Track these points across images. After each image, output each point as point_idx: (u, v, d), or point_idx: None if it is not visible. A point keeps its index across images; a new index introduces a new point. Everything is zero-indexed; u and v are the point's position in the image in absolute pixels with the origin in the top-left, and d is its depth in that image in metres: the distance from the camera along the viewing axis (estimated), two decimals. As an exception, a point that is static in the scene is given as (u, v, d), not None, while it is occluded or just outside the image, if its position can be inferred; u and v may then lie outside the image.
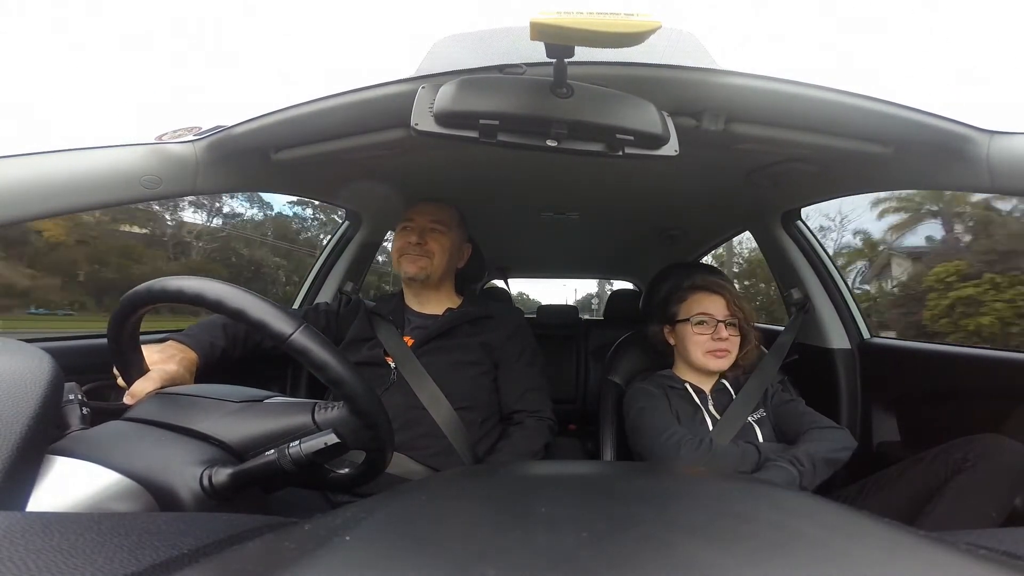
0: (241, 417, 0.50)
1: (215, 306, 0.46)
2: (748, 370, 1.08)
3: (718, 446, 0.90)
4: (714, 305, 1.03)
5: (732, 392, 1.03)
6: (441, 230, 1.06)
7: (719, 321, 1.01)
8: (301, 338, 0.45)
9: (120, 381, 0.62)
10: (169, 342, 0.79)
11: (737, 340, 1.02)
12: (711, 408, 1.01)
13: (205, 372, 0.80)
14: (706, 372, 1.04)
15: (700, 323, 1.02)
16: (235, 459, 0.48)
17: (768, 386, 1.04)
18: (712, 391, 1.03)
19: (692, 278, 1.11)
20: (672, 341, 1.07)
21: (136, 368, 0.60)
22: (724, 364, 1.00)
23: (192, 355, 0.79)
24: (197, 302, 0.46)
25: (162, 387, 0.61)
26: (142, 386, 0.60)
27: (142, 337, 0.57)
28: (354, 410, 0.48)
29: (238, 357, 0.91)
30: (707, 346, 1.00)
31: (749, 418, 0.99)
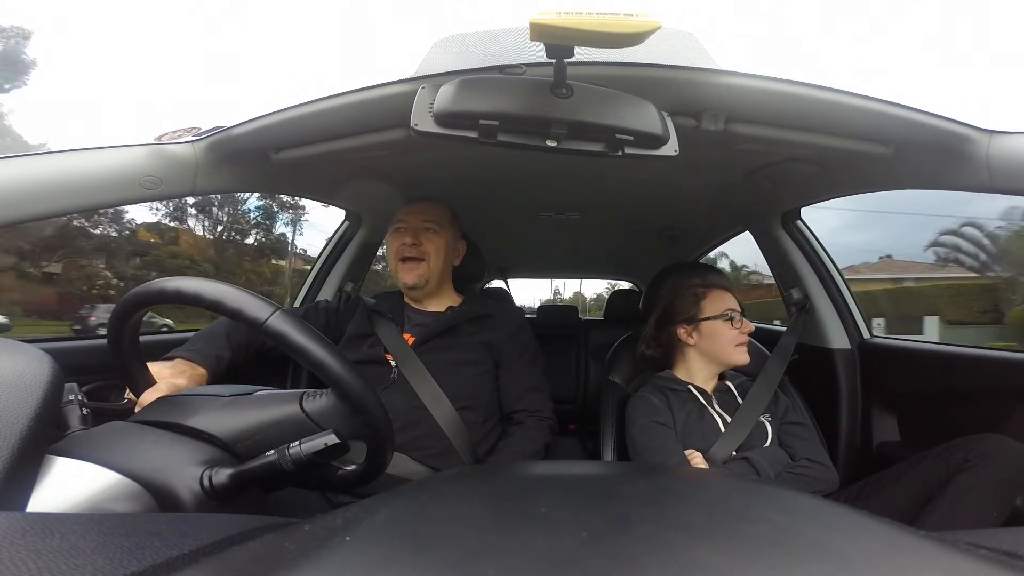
0: (231, 410, 0.50)
1: (194, 300, 0.47)
2: (751, 372, 1.09)
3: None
4: (731, 300, 1.05)
5: (736, 394, 1.03)
6: (434, 229, 1.05)
7: (742, 314, 1.03)
8: (277, 322, 0.45)
9: (129, 393, 0.63)
10: (177, 360, 0.80)
11: None
12: (717, 407, 1.01)
13: (213, 384, 0.80)
14: (724, 368, 1.05)
15: (730, 319, 1.03)
16: (231, 456, 0.48)
17: (776, 391, 1.05)
18: (715, 392, 1.03)
19: (706, 276, 1.12)
20: (691, 341, 1.05)
21: (143, 379, 0.60)
22: (748, 356, 1.03)
23: (200, 370, 0.81)
24: (178, 299, 0.48)
25: None
26: (150, 397, 0.60)
27: (145, 337, 0.57)
28: (341, 395, 0.48)
29: (244, 363, 0.92)
30: (737, 339, 1.02)
31: (760, 417, 0.99)
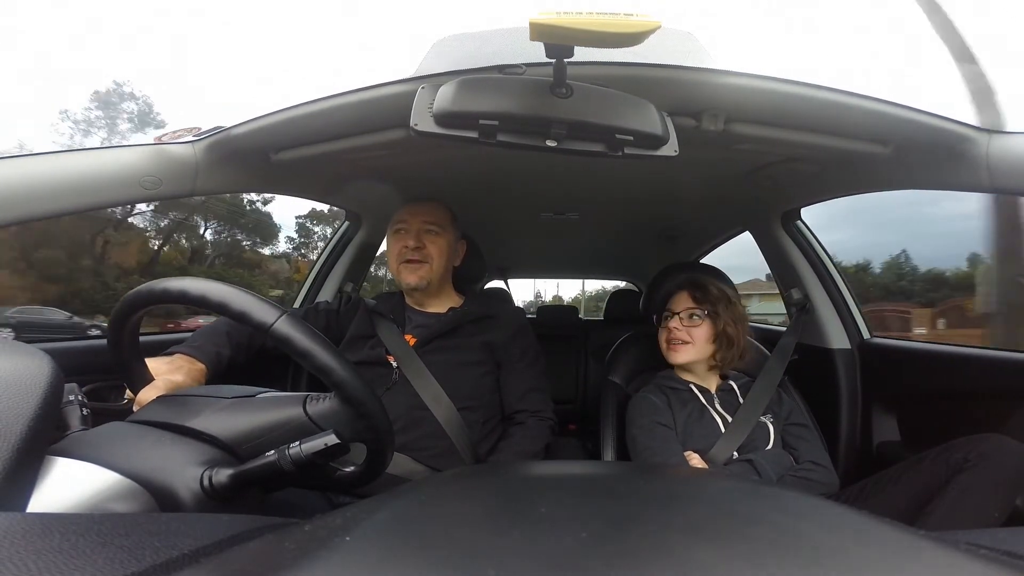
0: (233, 412, 0.50)
1: (199, 301, 0.47)
2: (752, 373, 1.09)
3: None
4: (677, 301, 1.07)
5: (739, 394, 1.03)
6: (436, 231, 1.04)
7: (675, 314, 1.05)
8: (283, 326, 0.45)
9: (128, 393, 0.63)
10: (176, 355, 0.79)
11: (700, 332, 1.02)
12: (718, 407, 1.01)
13: (213, 380, 0.80)
14: (680, 368, 1.07)
15: (665, 319, 1.08)
16: (232, 456, 0.48)
17: (780, 392, 1.06)
18: (718, 391, 1.04)
19: (677, 277, 1.15)
20: None
21: (140, 377, 0.60)
22: (681, 357, 1.03)
23: (199, 366, 0.80)
24: (183, 300, 0.47)
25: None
26: (147, 394, 0.60)
27: (146, 337, 0.57)
28: (344, 398, 0.48)
29: (243, 362, 0.91)
30: (664, 336, 1.06)
31: (763, 418, 0.99)
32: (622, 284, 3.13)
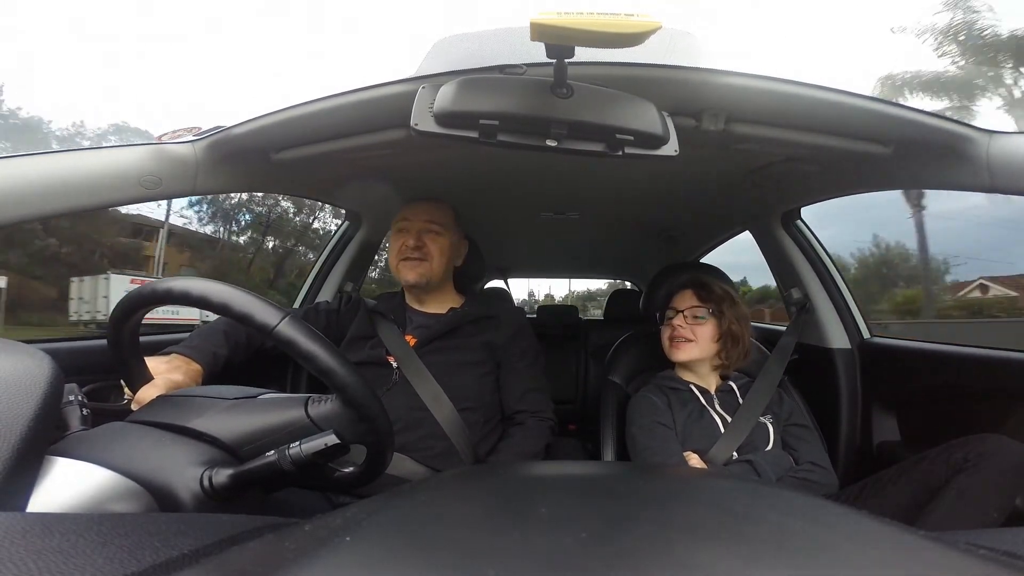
0: (235, 413, 0.50)
1: (201, 302, 0.47)
2: (752, 373, 1.09)
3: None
4: (681, 299, 1.07)
5: (738, 394, 1.03)
6: (437, 230, 1.04)
7: (679, 311, 1.05)
8: (286, 328, 0.45)
9: (127, 391, 0.63)
10: (173, 355, 0.79)
11: (704, 331, 1.02)
12: (718, 407, 1.01)
13: (209, 381, 0.80)
14: (682, 367, 1.07)
15: (668, 317, 1.08)
16: (233, 457, 0.48)
17: (780, 392, 1.06)
18: (717, 391, 1.04)
19: (679, 276, 1.16)
20: None
21: (139, 375, 0.60)
22: (683, 354, 1.03)
23: (196, 367, 0.80)
24: (184, 300, 0.47)
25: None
26: (147, 393, 0.60)
27: (145, 337, 0.57)
28: (346, 401, 0.48)
29: (241, 362, 0.91)
30: (667, 334, 1.06)
31: (762, 418, 0.99)
32: (604, 285, 3.13)
